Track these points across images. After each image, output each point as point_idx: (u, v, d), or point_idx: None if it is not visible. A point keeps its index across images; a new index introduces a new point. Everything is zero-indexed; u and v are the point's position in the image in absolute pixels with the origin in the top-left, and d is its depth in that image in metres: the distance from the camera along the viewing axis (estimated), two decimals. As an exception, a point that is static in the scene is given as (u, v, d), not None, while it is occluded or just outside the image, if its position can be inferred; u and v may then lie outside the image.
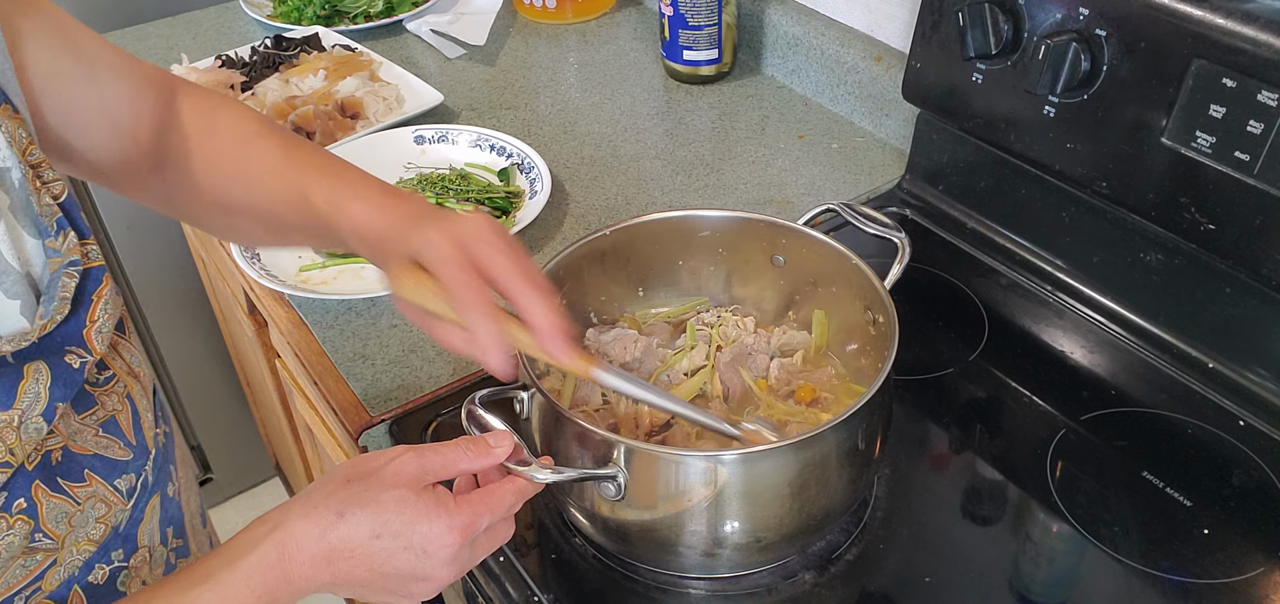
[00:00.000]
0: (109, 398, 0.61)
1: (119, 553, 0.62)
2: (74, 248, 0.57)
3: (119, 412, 0.62)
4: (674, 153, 1.21)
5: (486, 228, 0.63)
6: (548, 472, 0.62)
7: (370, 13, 1.56)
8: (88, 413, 0.59)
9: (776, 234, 0.82)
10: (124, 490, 0.62)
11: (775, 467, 0.64)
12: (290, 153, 0.73)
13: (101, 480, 0.60)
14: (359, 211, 0.68)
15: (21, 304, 0.54)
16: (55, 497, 0.57)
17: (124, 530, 0.62)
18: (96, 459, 0.60)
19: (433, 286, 0.62)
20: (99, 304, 0.58)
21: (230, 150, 0.73)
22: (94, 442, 0.60)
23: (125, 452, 0.62)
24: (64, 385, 0.55)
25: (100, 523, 0.60)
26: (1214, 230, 0.79)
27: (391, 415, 0.86)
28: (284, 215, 0.72)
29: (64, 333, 0.56)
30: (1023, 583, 0.71)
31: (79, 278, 0.56)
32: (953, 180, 1.04)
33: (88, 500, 0.59)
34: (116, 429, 0.61)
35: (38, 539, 0.56)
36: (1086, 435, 0.81)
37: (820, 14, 1.29)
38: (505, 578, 0.72)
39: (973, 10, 0.90)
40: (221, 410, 2.05)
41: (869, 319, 0.77)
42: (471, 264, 0.61)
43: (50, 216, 0.56)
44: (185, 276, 1.84)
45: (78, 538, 0.59)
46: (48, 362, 0.54)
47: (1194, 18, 0.76)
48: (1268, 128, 0.73)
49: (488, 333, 0.61)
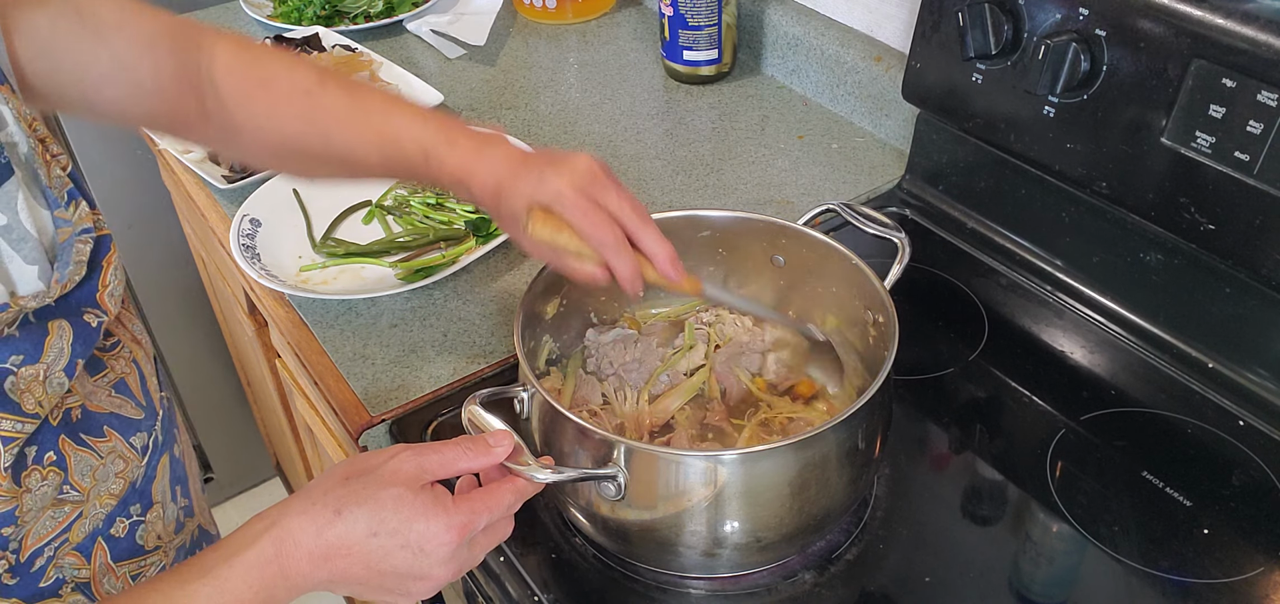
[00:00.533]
0: (117, 362, 0.64)
1: (137, 507, 0.66)
2: (86, 216, 0.60)
3: (127, 374, 0.65)
4: (674, 153, 1.21)
5: (600, 169, 0.69)
6: (548, 472, 0.62)
7: (370, 13, 1.56)
8: (100, 375, 0.63)
9: (776, 234, 0.82)
10: (139, 447, 0.65)
11: (775, 467, 0.64)
12: (357, 97, 0.75)
13: (119, 437, 0.63)
14: (458, 160, 0.72)
15: (39, 270, 0.57)
16: (81, 450, 0.60)
17: (140, 486, 0.66)
18: (113, 417, 0.63)
19: (566, 227, 0.68)
20: (109, 269, 0.61)
21: (293, 101, 0.75)
22: (108, 401, 0.63)
23: (137, 411, 0.65)
24: (83, 343, 0.58)
25: (119, 478, 0.64)
26: (1214, 230, 0.79)
27: (391, 415, 0.86)
28: (369, 160, 0.75)
29: (80, 295, 0.59)
30: (1023, 583, 0.71)
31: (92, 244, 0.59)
32: (953, 180, 1.04)
33: (109, 455, 0.62)
34: (127, 390, 0.65)
35: (66, 491, 0.60)
36: (1086, 435, 0.81)
37: (820, 14, 1.29)
38: (505, 578, 0.72)
39: (973, 10, 0.90)
40: (221, 410, 2.05)
41: (869, 319, 0.77)
42: (595, 203, 0.68)
43: (61, 188, 0.59)
44: (185, 276, 1.84)
45: (100, 491, 0.62)
46: (69, 320, 0.58)
47: (1194, 18, 0.76)
48: (1268, 128, 0.73)
49: (626, 262, 0.68)
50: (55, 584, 0.61)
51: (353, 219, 1.10)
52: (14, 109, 0.57)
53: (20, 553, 0.58)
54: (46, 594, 0.61)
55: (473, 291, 0.99)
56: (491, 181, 0.71)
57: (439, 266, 1.00)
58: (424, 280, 0.98)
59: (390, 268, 1.02)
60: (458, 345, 0.93)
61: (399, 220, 1.10)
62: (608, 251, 0.68)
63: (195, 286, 1.85)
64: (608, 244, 0.68)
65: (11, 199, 0.55)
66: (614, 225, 0.68)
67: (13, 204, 0.55)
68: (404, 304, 0.98)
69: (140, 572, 0.66)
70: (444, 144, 0.72)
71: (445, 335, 0.94)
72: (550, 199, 0.68)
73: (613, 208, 0.68)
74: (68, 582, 0.62)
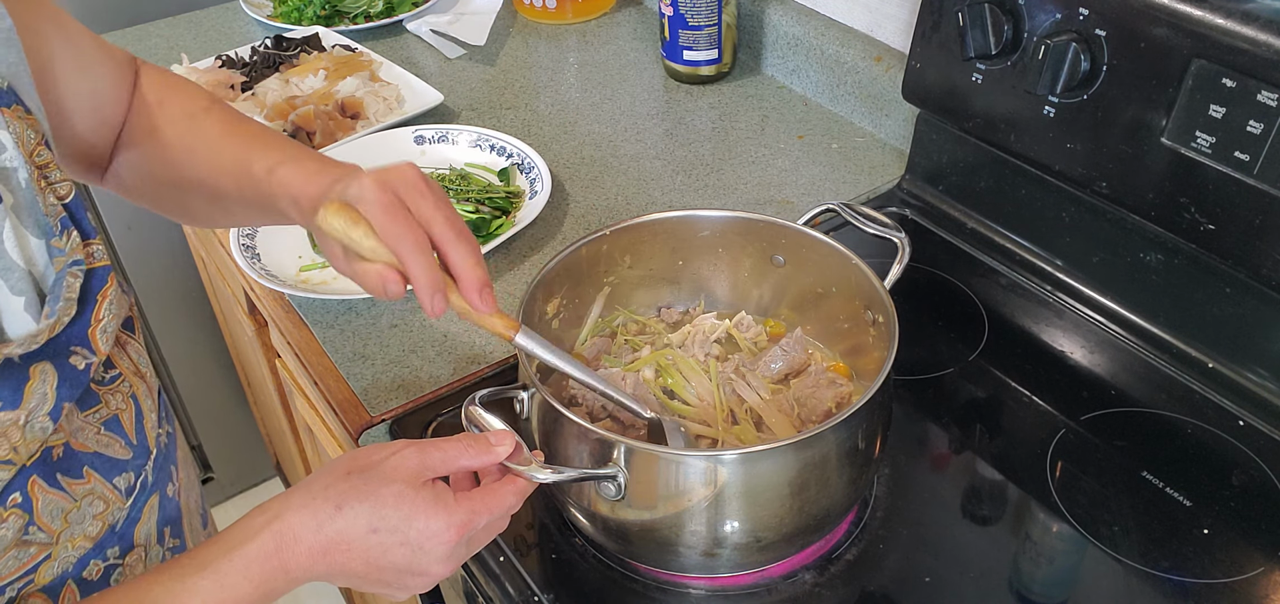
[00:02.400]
0: (114, 396, 0.61)
1: (114, 551, 0.62)
2: (77, 247, 0.57)
3: (123, 410, 0.62)
4: (674, 153, 1.21)
5: (417, 176, 0.63)
6: (548, 471, 0.62)
7: (370, 13, 1.56)
8: (92, 411, 0.60)
9: (776, 234, 0.82)
10: (123, 489, 0.62)
11: (775, 467, 0.64)
12: (233, 126, 0.74)
13: (100, 477, 0.60)
14: (292, 174, 0.68)
15: (26, 301, 0.54)
16: (52, 492, 0.57)
17: (121, 529, 0.62)
18: (96, 457, 0.60)
19: (363, 223, 0.61)
20: (104, 304, 0.58)
21: (177, 122, 0.75)
22: (95, 440, 0.60)
23: (126, 451, 0.62)
24: (70, 386, 0.55)
25: (97, 520, 0.60)
26: (1214, 230, 0.79)
27: (391, 415, 0.86)
28: (226, 186, 0.73)
29: (69, 334, 0.56)
30: (1023, 583, 0.71)
31: (83, 277, 0.57)
32: (953, 180, 1.04)
33: (85, 497, 0.59)
34: (118, 428, 0.62)
35: (31, 533, 0.57)
36: (1086, 435, 0.81)
37: (820, 14, 1.29)
38: (505, 578, 0.72)
39: (973, 10, 0.90)
40: (222, 410, 2.05)
41: (869, 319, 0.77)
42: (401, 203, 0.61)
43: (55, 216, 0.56)
44: (185, 276, 1.84)
45: (73, 534, 0.59)
46: (54, 363, 0.55)
47: (1194, 18, 0.76)
48: (1268, 128, 0.73)
49: (423, 267, 0.60)
50: None
51: (353, 219, 1.10)
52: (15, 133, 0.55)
53: None
54: None
55: (473, 291, 0.99)
56: (315, 191, 0.66)
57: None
58: (424, 280, 0.98)
59: (390, 268, 1.02)
60: (458, 345, 0.93)
61: (399, 220, 1.09)
62: (404, 251, 0.60)
63: (195, 287, 1.85)
64: (405, 243, 0.60)
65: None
66: (418, 229, 0.61)
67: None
68: (404, 304, 0.98)
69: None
70: (289, 161, 0.69)
71: (445, 335, 0.94)
72: (354, 196, 0.62)
73: (424, 213, 0.62)
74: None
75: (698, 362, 0.80)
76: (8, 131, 0.55)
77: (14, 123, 0.56)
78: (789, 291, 0.84)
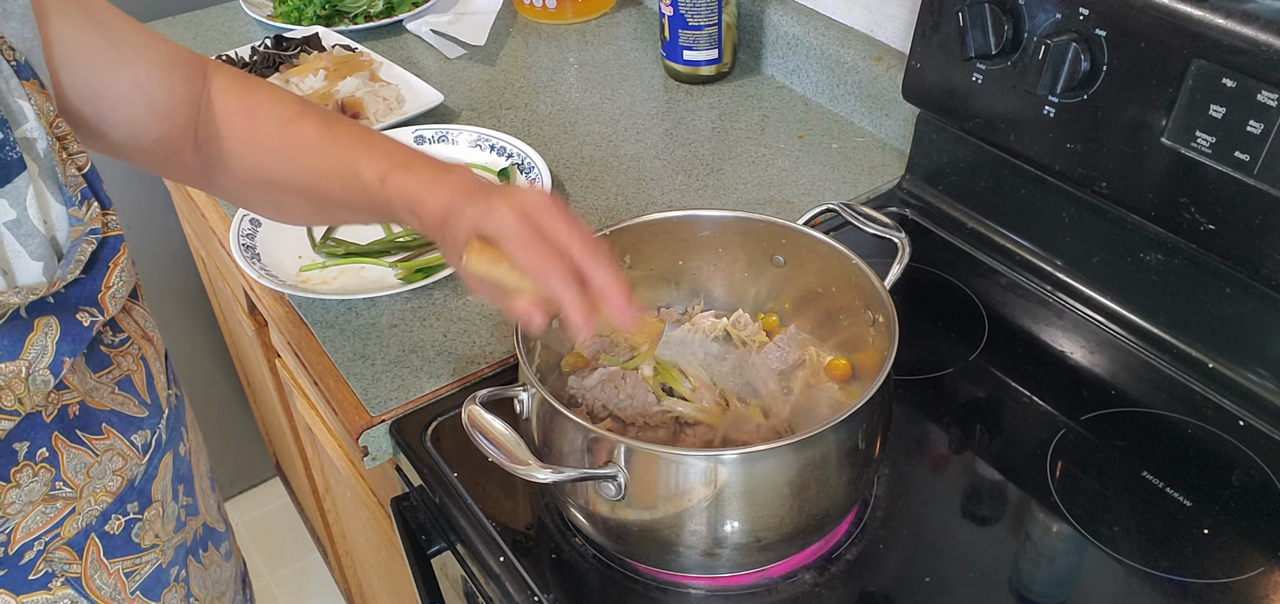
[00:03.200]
0: (124, 358, 0.64)
1: (134, 505, 0.65)
2: (96, 217, 0.59)
3: (134, 371, 0.65)
4: (674, 153, 1.21)
5: (547, 199, 0.64)
6: (548, 471, 0.62)
7: (370, 13, 1.56)
8: (104, 371, 0.62)
9: (776, 234, 0.82)
10: (139, 445, 0.64)
11: (775, 467, 0.64)
12: (332, 129, 0.75)
13: (118, 434, 0.63)
14: (411, 186, 0.69)
15: (45, 266, 0.57)
16: (74, 447, 0.60)
17: (139, 484, 0.65)
18: (113, 414, 0.62)
19: (505, 260, 0.63)
20: (116, 271, 0.61)
21: (271, 128, 0.76)
22: (110, 398, 0.62)
23: (140, 409, 0.65)
24: (71, 341, 0.57)
25: (117, 475, 0.63)
26: (1214, 230, 0.79)
27: (391, 415, 0.86)
28: (332, 191, 0.74)
29: (79, 292, 0.58)
30: (1023, 583, 0.71)
31: (97, 244, 0.59)
32: (953, 180, 1.04)
33: (106, 453, 0.62)
34: (131, 388, 0.64)
35: (58, 487, 0.59)
36: (1086, 435, 0.81)
37: (820, 14, 1.29)
38: (505, 578, 0.72)
39: (973, 10, 0.90)
40: (222, 410, 2.06)
41: (869, 319, 0.77)
42: (540, 232, 0.62)
43: (75, 187, 0.59)
44: (185, 277, 1.84)
45: (95, 488, 0.62)
46: (59, 317, 0.57)
47: (1194, 18, 0.76)
48: (1268, 128, 0.73)
49: (572, 297, 0.61)
50: (44, 578, 0.61)
51: (353, 219, 1.10)
52: (36, 105, 0.57)
53: (9, 546, 0.58)
54: (35, 587, 0.61)
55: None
56: (439, 208, 0.68)
57: (439, 266, 1.00)
58: (424, 280, 0.98)
59: (390, 268, 1.02)
60: (458, 345, 0.93)
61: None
62: (552, 282, 0.61)
63: (195, 286, 1.85)
64: (552, 274, 0.61)
65: (21, 195, 0.56)
66: (562, 257, 0.62)
67: (21, 199, 0.56)
68: (404, 304, 0.98)
69: (134, 569, 0.66)
70: (400, 168, 0.70)
71: (445, 335, 0.94)
72: (493, 229, 0.63)
73: (561, 239, 0.62)
74: (58, 576, 0.62)
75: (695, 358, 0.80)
76: (29, 103, 0.57)
77: (34, 95, 0.57)
78: (789, 291, 0.84)
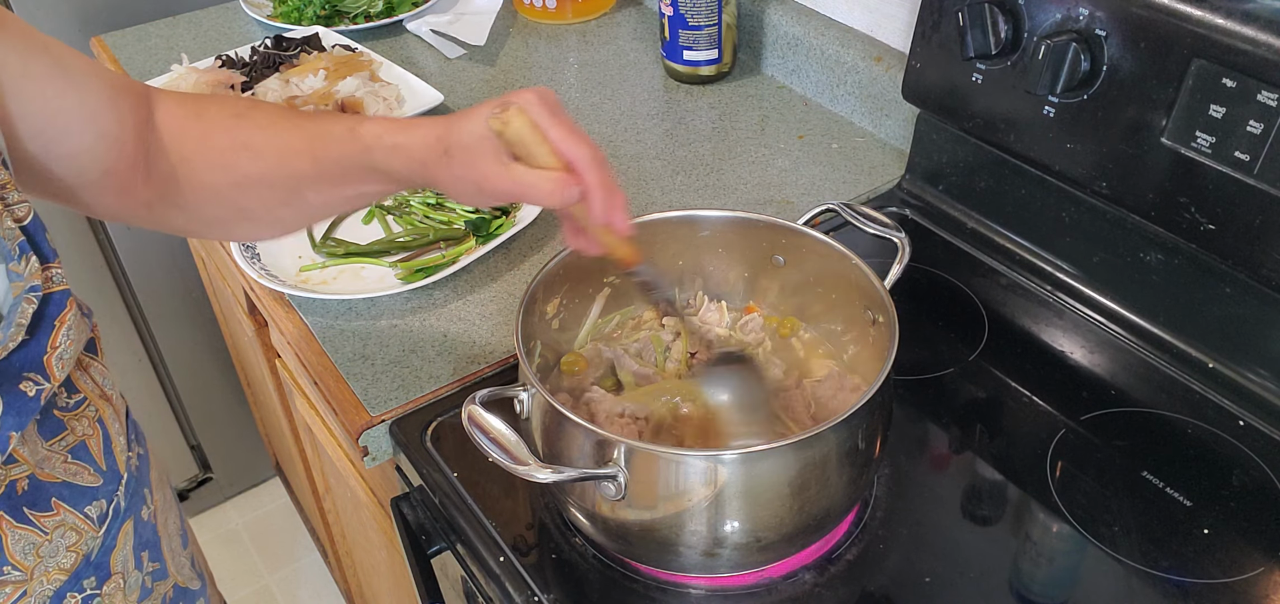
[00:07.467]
0: (79, 422, 0.60)
1: (92, 581, 0.61)
2: (36, 272, 0.55)
3: (90, 436, 0.60)
4: (674, 153, 1.21)
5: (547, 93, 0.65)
6: (548, 471, 0.62)
7: (370, 13, 1.56)
8: (57, 439, 0.58)
9: (776, 234, 0.82)
10: (94, 517, 0.60)
11: (775, 467, 0.64)
12: (285, 111, 0.72)
13: (70, 508, 0.59)
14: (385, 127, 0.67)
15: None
16: (20, 527, 0.56)
17: (96, 558, 0.61)
18: (65, 487, 0.58)
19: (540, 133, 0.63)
20: (62, 330, 0.56)
21: (223, 123, 0.72)
22: (63, 469, 0.58)
23: (95, 477, 0.61)
24: (17, 414, 0.53)
25: (71, 551, 0.59)
26: (1214, 230, 0.79)
27: (391, 415, 0.86)
28: (299, 166, 0.70)
29: (22, 358, 0.54)
30: (1023, 583, 0.71)
31: (38, 303, 0.55)
32: (953, 180, 1.04)
33: (56, 529, 0.58)
34: (86, 455, 0.60)
35: (6, 571, 0.56)
36: (1086, 435, 0.81)
37: (820, 14, 1.29)
38: (505, 578, 0.72)
39: (973, 10, 0.90)
40: (221, 410, 2.05)
41: (869, 319, 0.77)
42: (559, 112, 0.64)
43: (13, 240, 0.54)
44: (185, 276, 1.84)
45: (47, 568, 0.58)
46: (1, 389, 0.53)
47: (1194, 18, 0.76)
48: (1268, 128, 0.73)
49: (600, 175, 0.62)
50: None
51: (353, 219, 1.10)
52: None
53: None
54: None
55: (473, 292, 0.99)
56: (432, 130, 0.66)
57: (439, 267, 1.00)
58: (424, 280, 0.98)
59: (390, 268, 1.02)
60: (458, 345, 0.93)
61: (399, 220, 1.10)
62: (581, 151, 0.62)
63: (195, 286, 1.85)
64: (583, 153, 0.62)
65: None
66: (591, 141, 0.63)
67: None
68: (404, 304, 0.98)
69: None
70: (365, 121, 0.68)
71: (445, 335, 0.94)
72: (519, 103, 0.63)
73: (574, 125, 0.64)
74: None
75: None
76: None
77: None
78: (789, 291, 0.84)
